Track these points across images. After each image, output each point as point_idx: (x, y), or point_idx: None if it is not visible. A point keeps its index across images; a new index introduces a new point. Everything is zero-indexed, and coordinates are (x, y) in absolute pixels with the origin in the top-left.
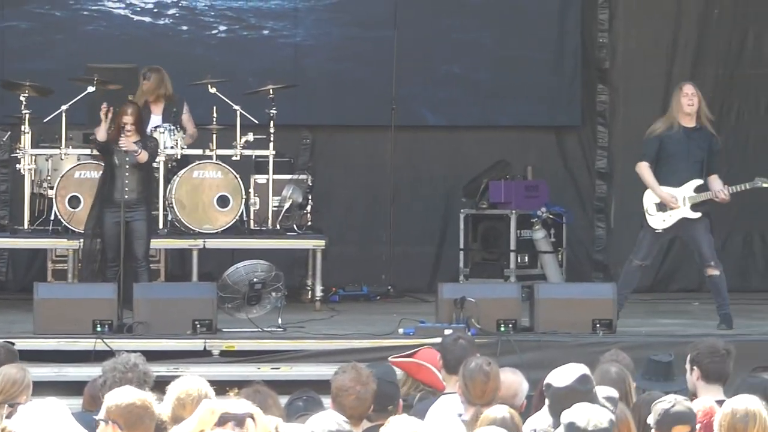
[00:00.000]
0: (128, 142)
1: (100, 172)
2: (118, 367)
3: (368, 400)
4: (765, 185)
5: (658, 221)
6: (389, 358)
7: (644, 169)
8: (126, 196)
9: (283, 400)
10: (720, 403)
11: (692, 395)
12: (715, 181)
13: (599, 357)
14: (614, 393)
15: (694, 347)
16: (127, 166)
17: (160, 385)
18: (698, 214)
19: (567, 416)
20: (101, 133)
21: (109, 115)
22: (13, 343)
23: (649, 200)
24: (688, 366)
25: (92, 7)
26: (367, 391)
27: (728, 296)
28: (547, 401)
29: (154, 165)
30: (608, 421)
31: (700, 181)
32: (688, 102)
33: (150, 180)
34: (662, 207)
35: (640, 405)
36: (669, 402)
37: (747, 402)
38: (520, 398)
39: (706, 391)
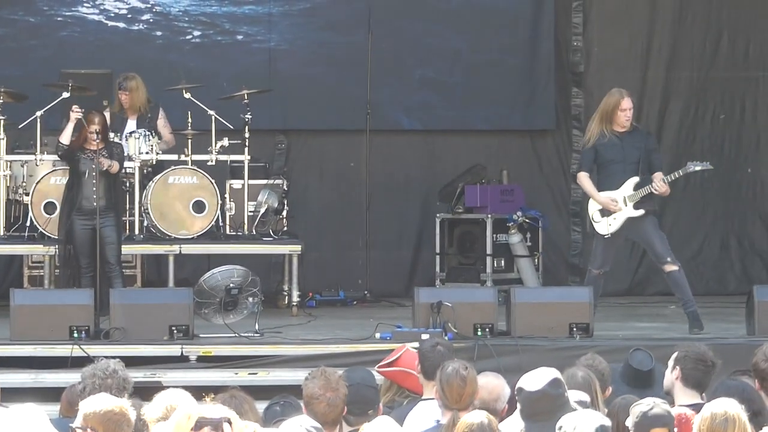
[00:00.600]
0: (104, 160)
1: None
2: (98, 374)
3: (339, 406)
4: (698, 168)
5: (604, 227)
6: (376, 367)
7: (583, 178)
8: (94, 204)
9: (261, 405)
10: (695, 407)
11: (666, 392)
12: (657, 178)
13: (576, 361)
14: (585, 397)
15: (684, 348)
16: (94, 174)
17: (138, 391)
18: (641, 212)
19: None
20: (65, 137)
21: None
22: None
23: (593, 208)
24: (671, 363)
25: (66, 12)
26: (338, 397)
27: (691, 292)
28: (518, 405)
29: (128, 170)
30: (596, 428)
31: (636, 179)
32: (625, 117)
33: (117, 186)
34: (605, 212)
35: (617, 410)
36: (647, 404)
37: (726, 405)
38: (501, 402)
39: (683, 393)
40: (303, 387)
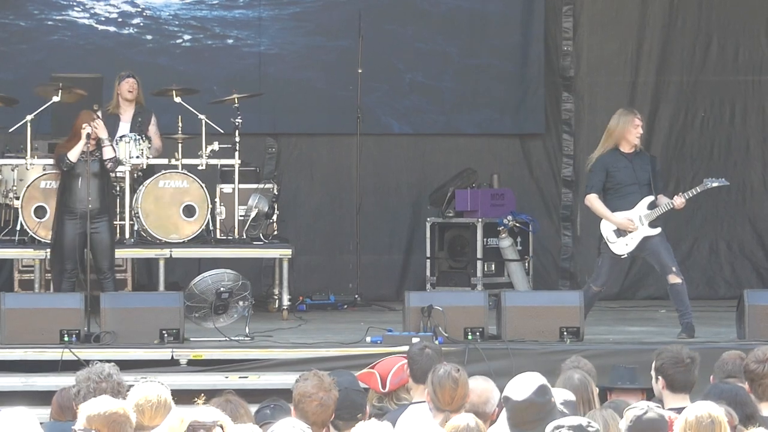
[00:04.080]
0: (102, 129)
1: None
2: (93, 377)
3: (330, 407)
4: (715, 184)
5: (621, 247)
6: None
7: (594, 200)
8: (89, 206)
9: (252, 408)
10: (679, 410)
11: (659, 403)
12: (663, 200)
13: (562, 364)
14: (571, 396)
15: (658, 356)
16: (88, 175)
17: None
18: (658, 230)
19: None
20: (74, 154)
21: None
22: None
23: (607, 228)
24: (653, 374)
25: (57, 16)
26: (330, 398)
27: (690, 304)
28: (505, 413)
29: (118, 174)
30: None
31: (651, 198)
32: (637, 134)
33: (109, 189)
34: (621, 232)
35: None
36: (641, 408)
37: (709, 408)
38: (491, 405)
39: (673, 399)
40: (294, 387)
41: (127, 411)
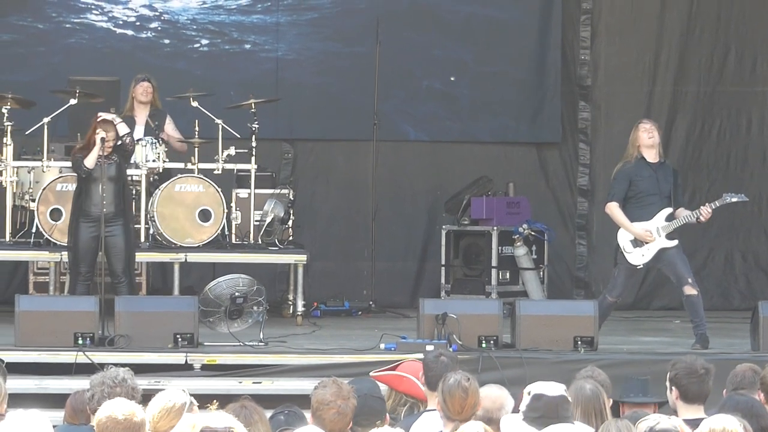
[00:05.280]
0: (123, 126)
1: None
2: (107, 382)
3: (348, 415)
4: (734, 199)
5: (637, 257)
6: (370, 373)
7: (614, 209)
8: (104, 209)
9: (266, 414)
10: (693, 423)
11: (673, 413)
12: (682, 213)
13: (576, 374)
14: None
15: (672, 366)
16: (104, 179)
17: (142, 399)
18: (675, 242)
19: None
20: (91, 161)
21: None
22: (2, 360)
23: (624, 238)
24: (667, 385)
25: (75, 19)
26: (348, 406)
27: (705, 316)
28: (532, 413)
29: (135, 177)
30: None
31: (669, 210)
32: (648, 136)
33: (125, 192)
34: (638, 243)
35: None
36: (654, 420)
37: (724, 422)
38: (505, 412)
39: (686, 410)
40: (312, 395)
41: (140, 416)
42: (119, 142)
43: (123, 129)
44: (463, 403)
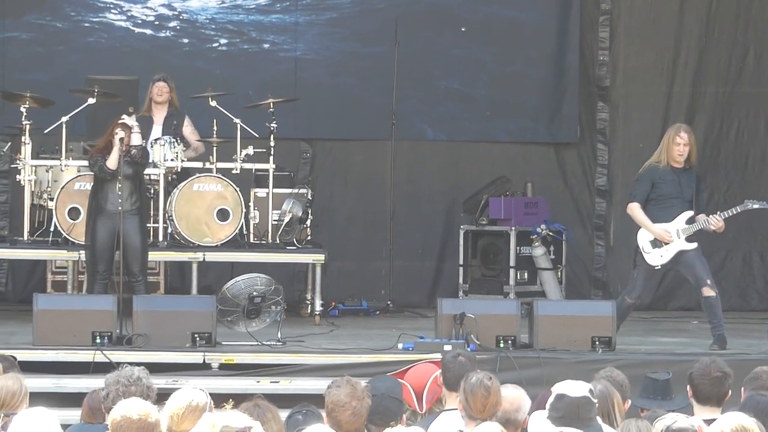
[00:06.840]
0: (137, 136)
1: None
2: (122, 381)
3: (363, 416)
4: (756, 206)
5: (656, 258)
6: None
7: (636, 209)
8: (120, 207)
9: (283, 414)
10: (707, 422)
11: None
12: (702, 217)
13: (595, 374)
14: None
15: (693, 367)
16: (120, 177)
17: (159, 398)
18: (695, 244)
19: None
20: (113, 162)
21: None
22: (14, 357)
23: (644, 238)
24: (688, 383)
25: (93, 18)
26: (363, 406)
27: (723, 317)
28: (554, 412)
29: (153, 177)
30: None
31: (690, 213)
32: (678, 152)
33: (142, 190)
34: (657, 243)
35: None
36: (671, 419)
37: (740, 419)
38: (522, 413)
39: (701, 411)
40: (326, 395)
41: (155, 416)
42: (130, 151)
43: (136, 140)
44: (485, 402)
